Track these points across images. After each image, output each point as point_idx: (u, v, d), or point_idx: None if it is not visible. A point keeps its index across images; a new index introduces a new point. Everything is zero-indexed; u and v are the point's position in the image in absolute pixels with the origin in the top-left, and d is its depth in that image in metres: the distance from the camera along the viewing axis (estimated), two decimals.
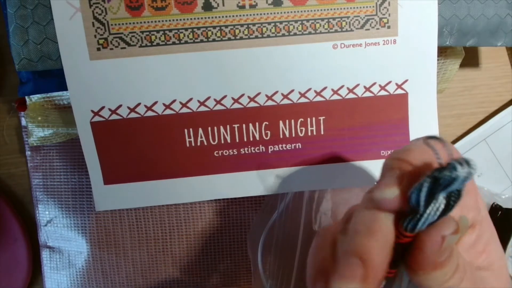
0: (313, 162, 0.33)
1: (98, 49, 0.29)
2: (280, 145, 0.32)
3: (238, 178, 0.33)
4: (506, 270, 0.20)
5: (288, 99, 0.32)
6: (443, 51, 0.35)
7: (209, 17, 0.29)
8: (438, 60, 0.34)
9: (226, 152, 0.32)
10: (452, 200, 0.16)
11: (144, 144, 0.31)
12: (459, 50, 0.35)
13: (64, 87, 0.30)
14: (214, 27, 0.29)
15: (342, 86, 0.32)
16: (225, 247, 0.37)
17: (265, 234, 0.34)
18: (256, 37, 0.30)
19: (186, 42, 0.30)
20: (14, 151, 0.36)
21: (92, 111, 0.30)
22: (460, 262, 0.18)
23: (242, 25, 0.30)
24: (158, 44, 0.29)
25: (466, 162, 0.16)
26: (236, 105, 0.31)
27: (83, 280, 0.36)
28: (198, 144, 0.32)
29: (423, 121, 0.33)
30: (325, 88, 0.32)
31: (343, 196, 0.35)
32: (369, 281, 0.17)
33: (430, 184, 0.16)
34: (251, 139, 0.32)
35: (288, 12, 0.30)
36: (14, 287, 0.36)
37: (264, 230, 0.34)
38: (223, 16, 0.29)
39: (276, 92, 0.31)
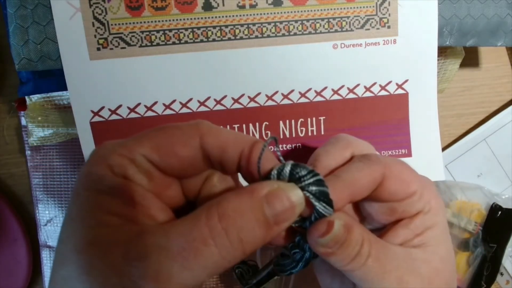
0: None
1: (98, 49, 0.29)
2: (280, 145, 0.32)
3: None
4: (441, 255, 0.22)
5: (288, 99, 0.32)
6: (443, 51, 0.35)
7: (209, 17, 0.29)
8: (438, 60, 0.34)
9: None
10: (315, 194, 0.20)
11: None
12: (459, 50, 0.35)
13: (64, 87, 0.30)
14: (214, 27, 0.29)
15: (342, 86, 0.32)
16: None
17: None
18: (256, 37, 0.30)
19: (186, 42, 0.29)
20: (14, 151, 0.36)
21: (92, 111, 0.30)
22: (366, 244, 0.20)
23: (242, 25, 0.30)
24: (158, 44, 0.29)
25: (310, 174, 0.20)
26: (236, 105, 0.31)
27: None
28: None
29: (423, 121, 0.33)
30: (325, 88, 0.32)
31: None
32: None
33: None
34: None
35: (288, 12, 0.30)
36: (14, 287, 0.36)
37: None
38: (223, 16, 0.29)
39: (276, 92, 0.31)
